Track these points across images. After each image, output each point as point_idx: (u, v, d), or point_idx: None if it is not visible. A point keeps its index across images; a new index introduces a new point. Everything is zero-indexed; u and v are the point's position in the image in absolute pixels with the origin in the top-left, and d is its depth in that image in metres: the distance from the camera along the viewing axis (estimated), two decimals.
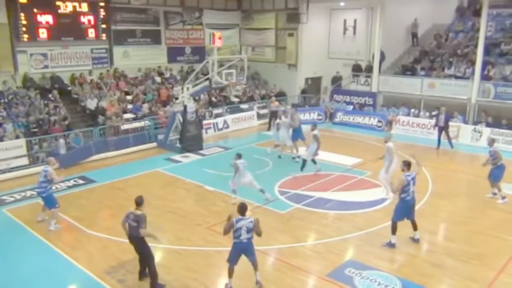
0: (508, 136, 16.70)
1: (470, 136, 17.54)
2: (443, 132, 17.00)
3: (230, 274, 7.65)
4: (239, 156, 11.49)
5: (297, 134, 15.59)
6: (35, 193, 12.27)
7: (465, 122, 18.51)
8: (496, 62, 19.75)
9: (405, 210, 9.20)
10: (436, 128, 17.26)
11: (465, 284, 7.91)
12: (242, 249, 7.57)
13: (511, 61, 19.39)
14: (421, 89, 20.33)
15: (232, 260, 7.61)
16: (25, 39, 17.69)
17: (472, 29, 22.63)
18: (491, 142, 12.19)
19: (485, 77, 18.97)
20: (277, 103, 20.19)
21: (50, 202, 10.19)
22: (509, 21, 21.73)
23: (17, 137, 14.61)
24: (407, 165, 9.29)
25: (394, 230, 9.18)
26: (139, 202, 7.75)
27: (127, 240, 7.88)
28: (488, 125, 17.57)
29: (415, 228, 9.37)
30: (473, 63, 19.41)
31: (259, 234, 7.57)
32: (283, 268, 8.44)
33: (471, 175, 13.56)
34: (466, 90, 19.10)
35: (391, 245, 9.19)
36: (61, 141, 15.11)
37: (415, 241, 9.39)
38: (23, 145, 14.35)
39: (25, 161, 14.36)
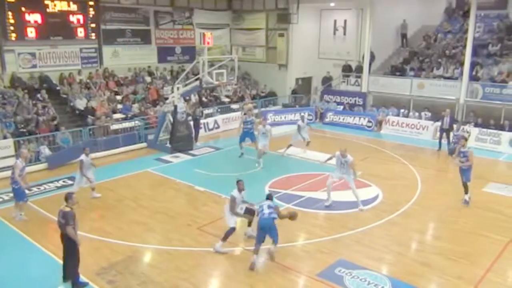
0: (495, 136, 16.92)
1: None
2: (444, 135, 16.72)
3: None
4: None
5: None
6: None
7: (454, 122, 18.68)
8: (484, 63, 19.99)
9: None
10: (438, 130, 17.02)
11: (453, 282, 7.99)
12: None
13: (498, 62, 19.63)
14: (411, 89, 20.52)
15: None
16: (13, 38, 17.49)
17: (460, 30, 22.89)
18: (464, 142, 11.86)
19: (473, 78, 19.19)
20: (250, 105, 20.10)
21: (17, 195, 10.46)
22: (497, 22, 22.02)
23: (5, 137, 14.44)
24: None
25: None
26: (66, 198, 7.69)
27: (116, 241, 7.83)
28: (476, 125, 17.79)
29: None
30: (461, 63, 19.64)
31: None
32: (274, 268, 8.45)
33: (459, 175, 13.66)
34: (455, 91, 19.32)
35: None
36: (41, 147, 14.92)
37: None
38: (10, 145, 14.18)
39: (13, 161, 14.13)
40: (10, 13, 17.23)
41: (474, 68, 19.48)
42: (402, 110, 20.29)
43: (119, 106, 18.87)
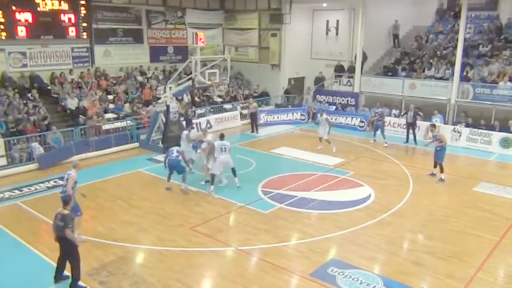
0: (486, 136, 17.07)
1: (449, 136, 17.85)
2: (411, 129, 17.91)
3: None
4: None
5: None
6: (14, 194, 12.11)
7: (445, 122, 18.84)
8: (474, 63, 20.16)
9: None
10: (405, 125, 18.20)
11: (444, 282, 8.04)
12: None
13: (489, 62, 19.81)
14: (402, 89, 20.64)
15: None
16: (3, 37, 17.32)
17: (451, 31, 23.07)
18: (432, 128, 13.91)
19: (464, 78, 19.34)
20: (255, 104, 20.25)
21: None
22: (487, 23, 22.23)
23: None
24: None
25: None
26: (66, 201, 7.67)
27: (108, 241, 7.78)
28: (467, 125, 17.94)
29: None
30: (452, 64, 19.78)
31: None
32: (267, 268, 8.45)
33: (450, 175, 13.78)
34: (446, 91, 19.46)
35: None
36: (33, 144, 14.77)
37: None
38: (1, 145, 14.05)
39: (3, 161, 14.06)
40: (0, 11, 17.06)
41: (465, 68, 19.64)
42: (393, 111, 20.37)
43: (111, 106, 18.76)
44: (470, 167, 15.21)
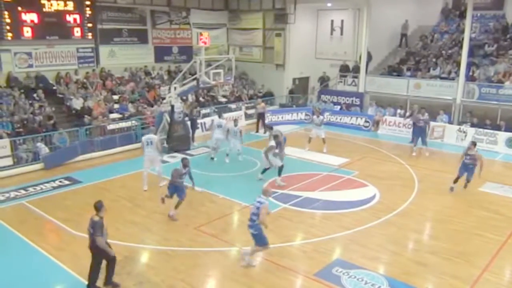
0: (491, 136, 16.99)
1: (455, 136, 17.81)
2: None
3: None
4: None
5: None
6: (19, 193, 12.17)
7: (450, 122, 18.76)
8: (480, 63, 20.05)
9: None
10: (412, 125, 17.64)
11: (449, 282, 8.01)
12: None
13: (495, 62, 19.70)
14: (407, 89, 20.56)
15: None
16: (9, 38, 17.44)
17: (457, 31, 22.98)
18: (472, 146, 12.45)
19: (469, 78, 19.24)
20: (263, 104, 20.28)
21: (259, 241, 8.32)
22: (493, 23, 22.11)
23: (1, 137, 14.37)
24: None
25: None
26: (97, 207, 7.35)
27: (113, 241, 7.78)
28: (472, 125, 17.84)
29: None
30: (458, 64, 19.68)
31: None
32: (271, 268, 8.45)
33: (455, 175, 13.72)
34: (451, 91, 19.36)
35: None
36: (39, 144, 14.85)
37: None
38: (7, 145, 14.12)
39: (9, 161, 14.14)
40: (6, 12, 17.18)
41: (471, 68, 19.54)
42: (398, 111, 20.32)
43: (116, 106, 18.83)
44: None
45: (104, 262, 7.60)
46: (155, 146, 12.47)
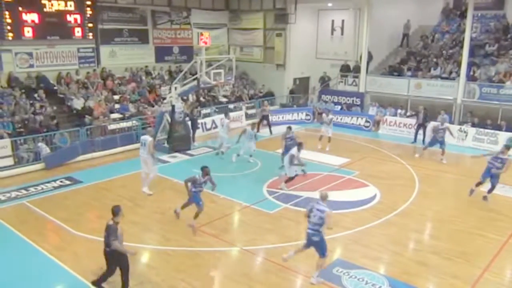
0: (492, 136, 16.97)
1: (456, 136, 17.78)
2: (421, 129, 17.69)
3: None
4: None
5: None
6: (20, 193, 12.18)
7: (451, 122, 18.74)
8: (481, 63, 20.03)
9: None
10: (416, 126, 17.94)
11: (450, 282, 8.00)
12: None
13: (495, 62, 19.68)
14: (408, 89, 20.55)
15: None
16: (10, 38, 17.43)
17: (457, 30, 22.95)
18: (505, 150, 11.84)
19: (470, 78, 19.22)
20: (269, 107, 20.31)
21: (323, 248, 8.12)
22: (494, 22, 22.08)
23: (1, 137, 14.38)
24: None
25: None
26: (114, 212, 7.22)
27: None
28: (473, 125, 17.83)
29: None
30: (458, 64, 19.66)
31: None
32: (272, 268, 8.45)
33: (457, 175, 13.73)
34: (452, 91, 19.35)
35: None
36: (40, 144, 14.85)
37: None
38: (8, 145, 14.13)
39: (10, 161, 14.16)
40: (7, 12, 17.17)
41: (471, 68, 19.52)
42: (399, 111, 20.31)
43: (117, 106, 18.83)
44: (476, 166, 15.06)
45: (117, 272, 7.41)
46: (147, 148, 12.09)
